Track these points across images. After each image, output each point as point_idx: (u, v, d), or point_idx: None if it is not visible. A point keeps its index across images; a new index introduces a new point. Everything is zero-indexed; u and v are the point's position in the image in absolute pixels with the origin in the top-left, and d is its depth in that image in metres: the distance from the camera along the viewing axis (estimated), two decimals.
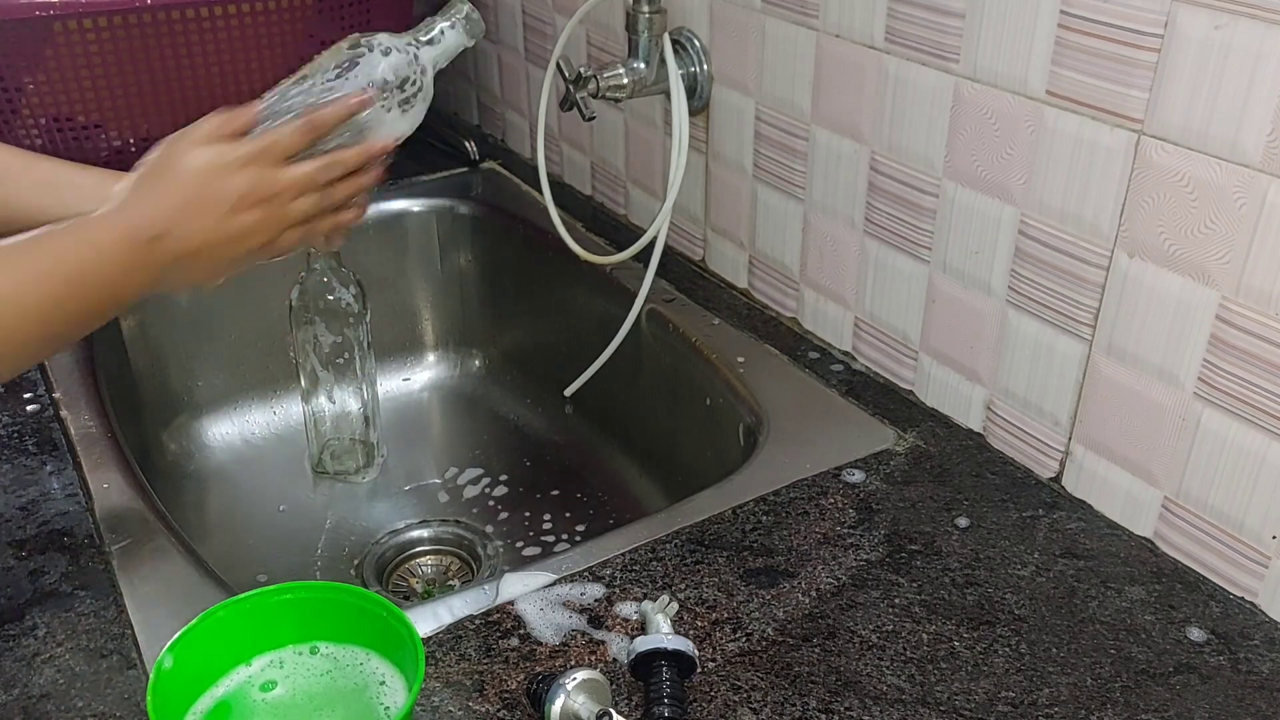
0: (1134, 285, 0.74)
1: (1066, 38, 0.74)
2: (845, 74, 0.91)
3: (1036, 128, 0.77)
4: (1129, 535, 0.79)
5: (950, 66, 0.82)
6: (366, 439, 1.18)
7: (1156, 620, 0.72)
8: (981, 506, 0.82)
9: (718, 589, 0.74)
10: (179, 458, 1.21)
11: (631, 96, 1.07)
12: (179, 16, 1.16)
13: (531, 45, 1.37)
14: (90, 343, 1.02)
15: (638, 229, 1.24)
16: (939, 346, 0.91)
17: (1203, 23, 0.66)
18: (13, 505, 0.81)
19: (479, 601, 0.73)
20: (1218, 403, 0.72)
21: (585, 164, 1.33)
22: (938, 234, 0.88)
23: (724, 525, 0.80)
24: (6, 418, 0.92)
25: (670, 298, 1.11)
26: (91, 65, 1.15)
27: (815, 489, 0.84)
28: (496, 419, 1.32)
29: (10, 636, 0.70)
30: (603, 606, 0.73)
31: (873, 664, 0.68)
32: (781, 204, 1.03)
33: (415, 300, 1.37)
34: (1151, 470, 0.77)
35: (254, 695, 0.62)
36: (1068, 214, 0.77)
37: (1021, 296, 0.82)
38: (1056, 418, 0.83)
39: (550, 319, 1.28)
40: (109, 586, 0.74)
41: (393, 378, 1.36)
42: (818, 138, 0.96)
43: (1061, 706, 0.65)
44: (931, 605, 0.73)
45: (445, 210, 1.35)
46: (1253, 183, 0.66)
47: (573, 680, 0.61)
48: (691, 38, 1.06)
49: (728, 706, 0.65)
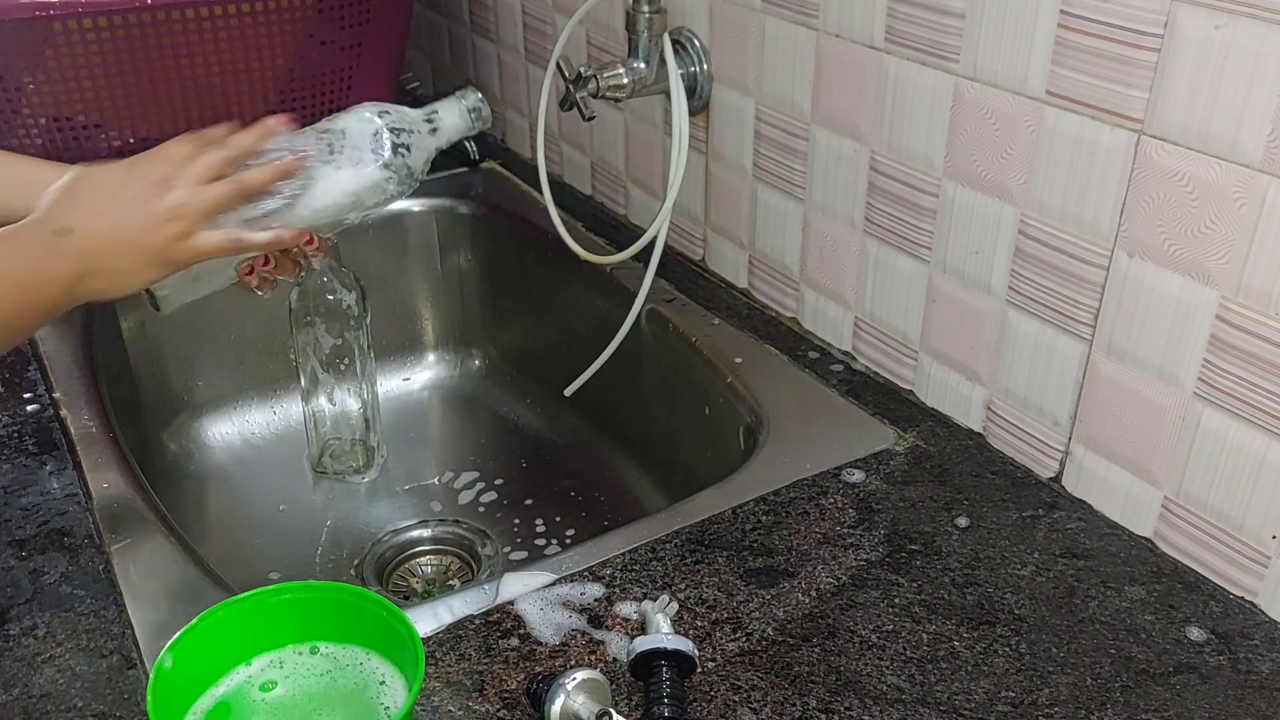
0: (1134, 285, 0.74)
1: (1066, 37, 0.73)
2: (845, 74, 0.91)
3: (1036, 128, 0.77)
4: (1129, 535, 0.79)
5: (950, 66, 0.82)
6: (366, 439, 1.18)
7: (1156, 620, 0.72)
8: (981, 506, 0.82)
9: (718, 589, 0.74)
10: (179, 458, 1.21)
11: (631, 96, 1.06)
12: (179, 16, 1.16)
13: (531, 45, 1.37)
14: (90, 343, 1.02)
15: (638, 229, 1.24)
16: (939, 346, 0.91)
17: (1203, 23, 0.66)
18: (13, 505, 0.81)
19: (479, 601, 0.73)
20: (1218, 403, 0.72)
21: (585, 164, 1.33)
22: (938, 234, 0.88)
23: (724, 525, 0.80)
24: (6, 418, 0.92)
25: (670, 298, 1.11)
26: (91, 65, 1.15)
27: (815, 489, 0.84)
28: (496, 419, 1.32)
29: (10, 636, 0.70)
30: (603, 606, 0.73)
31: (873, 664, 0.68)
32: (781, 204, 1.03)
33: (415, 300, 1.37)
34: (1151, 470, 0.77)
35: (254, 695, 0.62)
36: (1068, 214, 0.77)
37: (1021, 296, 0.82)
38: (1056, 417, 0.83)
39: (550, 319, 1.28)
40: (109, 586, 0.74)
41: (393, 378, 1.36)
42: (818, 138, 0.96)
43: (1061, 706, 0.65)
44: (931, 605, 0.73)
45: (445, 210, 1.35)
46: (1253, 183, 0.66)
47: (573, 680, 0.61)
48: (691, 37, 1.06)
49: (728, 706, 0.65)
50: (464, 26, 1.52)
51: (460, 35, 1.55)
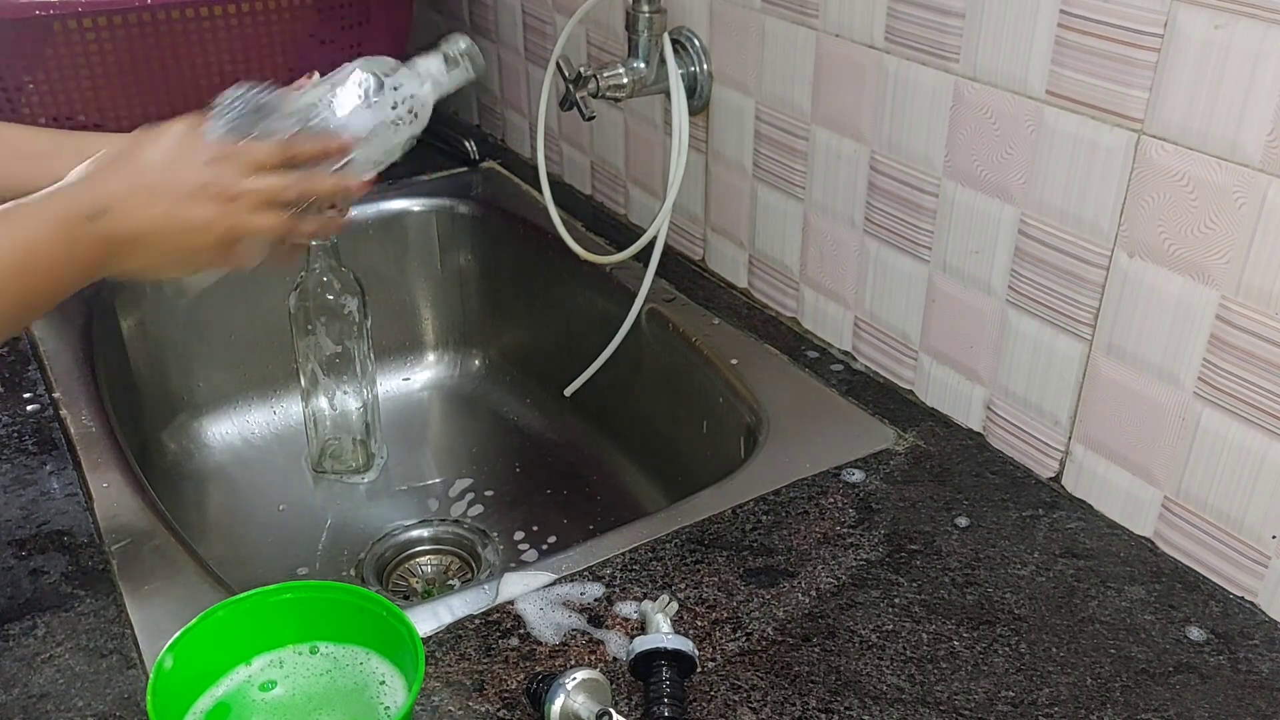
0: (1134, 285, 0.74)
1: (1066, 37, 0.74)
2: (845, 74, 0.91)
3: (1036, 127, 0.77)
4: (1129, 535, 0.79)
5: (950, 66, 0.82)
6: (366, 439, 1.18)
7: (1156, 620, 0.72)
8: (981, 506, 0.82)
9: (718, 589, 0.74)
10: (179, 458, 1.21)
11: (631, 96, 1.06)
12: (179, 16, 1.16)
13: (531, 45, 1.37)
14: (90, 343, 1.02)
15: (638, 229, 1.24)
16: (939, 346, 0.91)
17: (1203, 23, 0.66)
18: (13, 505, 0.81)
19: (479, 601, 0.73)
20: (1218, 402, 0.72)
21: (585, 164, 1.33)
22: (938, 234, 0.88)
23: (724, 525, 0.80)
24: (6, 418, 0.92)
25: (670, 297, 1.11)
26: (91, 65, 1.15)
27: (815, 489, 0.84)
28: (496, 419, 1.32)
29: (10, 636, 0.70)
30: (603, 606, 0.73)
31: (872, 664, 0.68)
32: (781, 204, 1.03)
33: (415, 300, 1.37)
34: (1151, 470, 0.77)
35: (254, 695, 0.62)
36: (1068, 214, 0.77)
37: (1021, 296, 0.82)
38: (1056, 417, 0.83)
39: (550, 319, 1.28)
40: (109, 586, 0.74)
41: (393, 378, 1.36)
42: (818, 137, 0.96)
43: (1061, 706, 0.65)
44: (931, 605, 0.73)
45: (445, 210, 1.35)
46: (1253, 183, 0.66)
47: (573, 680, 0.61)
48: (691, 37, 1.06)
49: (728, 706, 0.65)
50: (464, 26, 1.52)
51: None
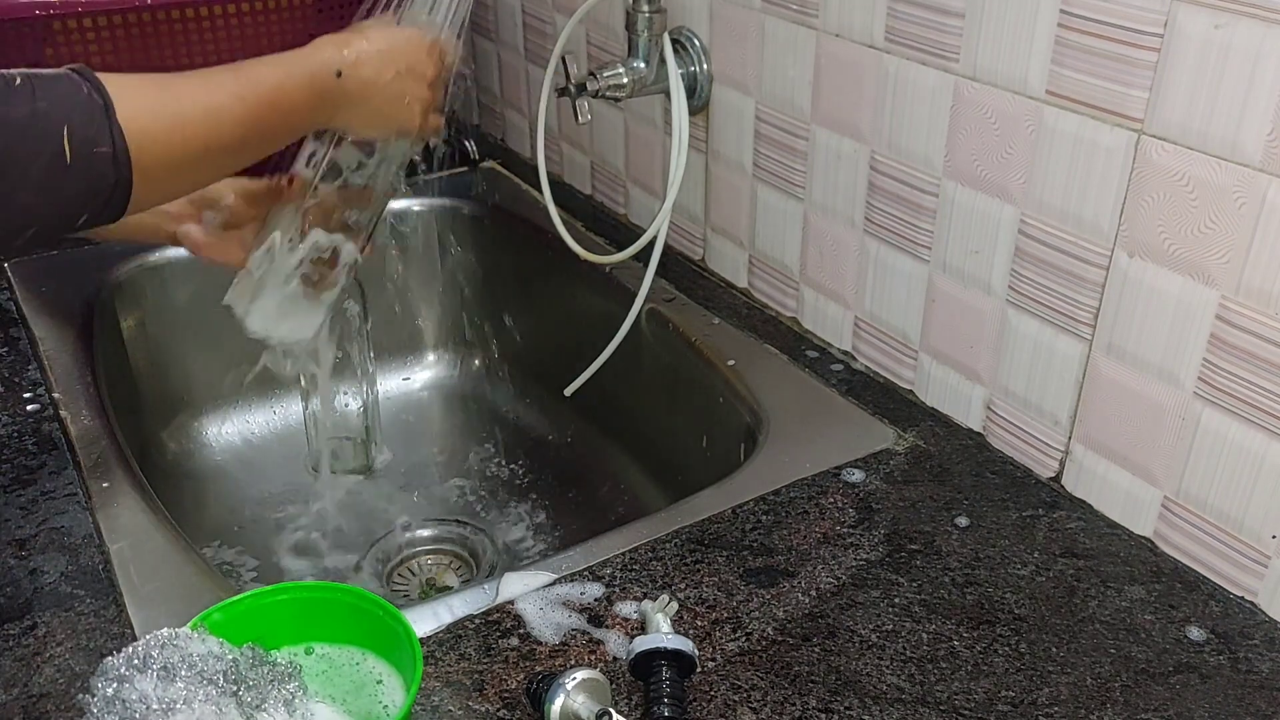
0: (1134, 285, 0.74)
1: (1066, 37, 0.73)
2: (845, 74, 0.91)
3: (1036, 127, 0.77)
4: (1129, 535, 0.79)
5: (950, 66, 0.82)
6: (366, 439, 1.18)
7: (1156, 620, 0.72)
8: (981, 506, 0.82)
9: (718, 588, 0.74)
10: (179, 457, 1.21)
11: (631, 96, 1.06)
12: (179, 16, 1.17)
13: (531, 45, 1.37)
14: (90, 343, 1.02)
15: (638, 228, 1.24)
16: (939, 346, 0.91)
17: (1203, 22, 0.66)
18: (13, 505, 0.81)
19: (479, 601, 0.73)
20: (1218, 402, 0.72)
21: (585, 164, 1.33)
22: (937, 234, 0.88)
23: (724, 525, 0.80)
24: (6, 418, 0.92)
25: (670, 297, 1.11)
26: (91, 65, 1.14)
27: (815, 489, 0.84)
28: (496, 418, 1.32)
29: (10, 636, 0.70)
30: (603, 606, 0.73)
31: (872, 663, 0.68)
32: (781, 203, 1.03)
33: (415, 300, 1.37)
34: (1151, 470, 0.77)
35: None
36: (1068, 214, 0.77)
37: (1021, 296, 0.82)
38: (1056, 417, 0.83)
39: (550, 318, 1.28)
40: (109, 586, 0.74)
41: (393, 377, 1.36)
42: (818, 137, 0.96)
43: (1061, 706, 0.65)
44: (931, 605, 0.73)
45: (445, 210, 1.35)
46: (1253, 183, 0.66)
47: (573, 680, 0.61)
48: (691, 37, 1.06)
49: (728, 706, 0.65)
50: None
51: None
